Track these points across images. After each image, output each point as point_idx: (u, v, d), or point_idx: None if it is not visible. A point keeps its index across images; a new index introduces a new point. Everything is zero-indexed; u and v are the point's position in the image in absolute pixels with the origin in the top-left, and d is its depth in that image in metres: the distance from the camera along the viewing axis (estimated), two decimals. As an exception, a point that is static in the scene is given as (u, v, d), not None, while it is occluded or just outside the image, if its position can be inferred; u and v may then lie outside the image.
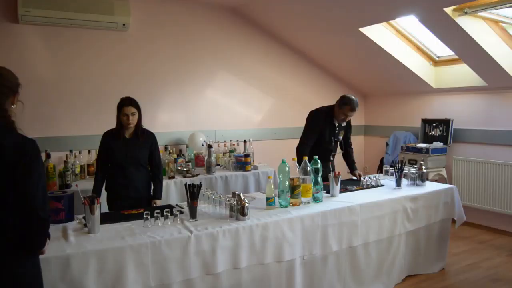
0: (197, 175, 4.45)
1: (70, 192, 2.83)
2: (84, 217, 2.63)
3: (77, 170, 4.29)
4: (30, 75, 4.48)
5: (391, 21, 5.10)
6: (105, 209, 3.26)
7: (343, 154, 4.32)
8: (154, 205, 3.35)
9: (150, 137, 3.52)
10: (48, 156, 4.13)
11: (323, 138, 3.99)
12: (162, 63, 5.17)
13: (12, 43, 4.41)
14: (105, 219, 2.69)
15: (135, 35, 4.98)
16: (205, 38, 5.43)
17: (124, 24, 4.74)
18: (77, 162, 4.34)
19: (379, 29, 5.13)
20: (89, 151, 4.57)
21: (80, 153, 4.47)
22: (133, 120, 3.35)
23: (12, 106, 1.88)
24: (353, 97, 3.91)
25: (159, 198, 3.49)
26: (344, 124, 4.12)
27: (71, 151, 4.42)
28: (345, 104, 3.88)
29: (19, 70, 4.36)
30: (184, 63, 5.31)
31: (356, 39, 5.19)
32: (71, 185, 3.92)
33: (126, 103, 3.34)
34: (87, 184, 3.92)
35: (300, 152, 3.86)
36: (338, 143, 4.18)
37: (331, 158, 4.11)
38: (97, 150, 3.51)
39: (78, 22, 4.55)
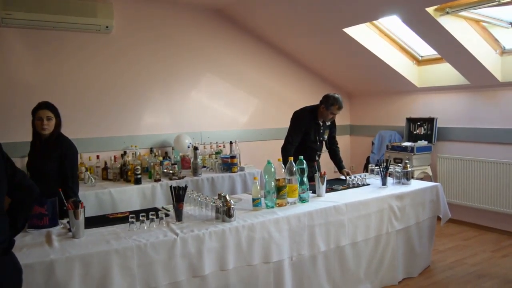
0: (183, 177, 4.43)
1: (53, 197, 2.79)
2: (68, 222, 2.59)
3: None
4: (13, 78, 4.44)
5: (375, 21, 5.14)
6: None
7: (330, 153, 4.34)
8: None
9: None
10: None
11: (308, 138, 4.00)
12: (147, 65, 5.13)
13: (-7, 46, 4.35)
14: (90, 223, 2.66)
15: (118, 38, 4.93)
16: (190, 40, 5.41)
17: (107, 27, 4.69)
18: (61, 166, 4.28)
19: (363, 29, 5.16)
20: (73, 155, 4.51)
21: (64, 157, 4.42)
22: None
23: None
24: (338, 95, 3.94)
25: None
26: (328, 123, 4.13)
27: (55, 155, 4.37)
28: (332, 104, 3.90)
29: (1, 73, 4.36)
30: (169, 65, 5.28)
31: (340, 40, 5.22)
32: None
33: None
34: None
35: (286, 152, 3.87)
36: (323, 142, 4.19)
37: (317, 158, 4.13)
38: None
39: (61, 25, 4.49)
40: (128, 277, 2.32)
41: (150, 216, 2.63)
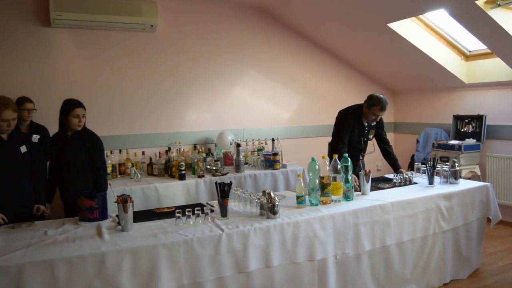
0: (226, 173, 4.46)
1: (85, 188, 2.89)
2: (117, 216, 2.67)
3: (109, 169, 4.35)
4: (63, 76, 4.62)
5: (420, 16, 5.00)
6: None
7: (383, 153, 4.20)
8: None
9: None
10: (80, 156, 4.21)
11: (352, 138, 3.94)
12: (190, 63, 5.21)
13: (45, 46, 4.54)
14: (137, 217, 2.72)
15: (162, 36, 5.03)
16: (232, 37, 5.45)
17: (152, 25, 4.80)
18: (109, 161, 4.41)
19: (408, 24, 5.03)
20: (120, 151, 4.66)
21: (111, 152, 4.56)
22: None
23: None
24: (382, 96, 3.82)
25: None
26: (374, 123, 4.05)
27: (102, 151, 4.50)
28: (374, 105, 3.80)
29: (51, 71, 4.53)
30: (212, 62, 5.34)
31: (384, 35, 5.11)
32: (104, 184, 3.97)
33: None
34: (120, 183, 4.01)
35: (340, 150, 3.79)
36: (369, 142, 4.12)
37: (361, 157, 4.05)
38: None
39: (107, 24, 4.63)
40: (175, 271, 2.36)
41: (196, 212, 2.67)
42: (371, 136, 4.10)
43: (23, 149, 3.07)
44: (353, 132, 3.94)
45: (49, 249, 2.27)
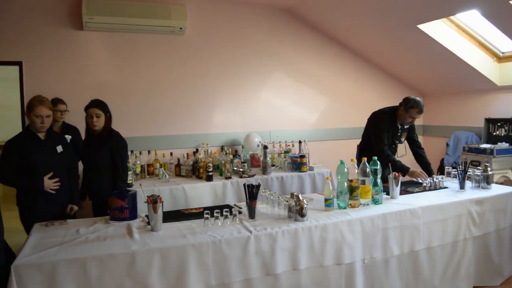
0: (253, 175, 4.48)
1: (133, 191, 2.93)
2: (146, 215, 2.71)
3: (138, 169, 4.43)
4: (94, 77, 4.72)
5: (451, 17, 4.91)
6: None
7: (415, 157, 4.16)
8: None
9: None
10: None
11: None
12: (217, 64, 5.25)
13: (77, 48, 4.65)
14: (166, 217, 2.75)
15: (191, 38, 5.09)
16: (259, 39, 5.46)
17: (180, 28, 4.86)
18: (138, 162, 4.49)
19: (439, 25, 4.94)
20: (148, 152, 4.73)
21: (140, 153, 4.63)
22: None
23: None
24: (419, 99, 3.82)
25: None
26: (406, 126, 4.01)
27: (132, 151, 4.57)
28: (412, 107, 3.79)
29: (83, 73, 4.64)
30: (239, 64, 5.37)
31: (414, 37, 5.03)
32: (132, 184, 4.03)
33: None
34: (148, 183, 4.07)
35: (385, 151, 3.77)
36: (400, 145, 4.07)
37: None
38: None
39: (138, 27, 4.72)
40: (204, 272, 2.38)
41: (224, 213, 2.68)
42: (403, 139, 4.07)
43: (59, 148, 3.18)
44: (387, 134, 3.91)
45: (81, 247, 2.32)
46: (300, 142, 5.07)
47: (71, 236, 2.49)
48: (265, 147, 4.64)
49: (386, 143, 3.86)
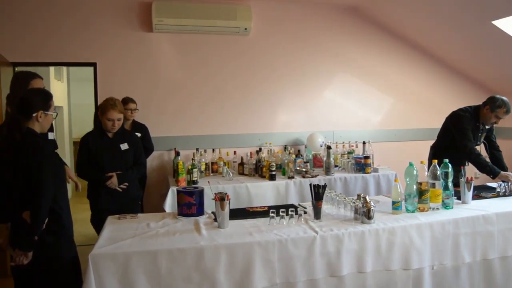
0: (316, 175, 4.45)
1: (200, 188, 3.01)
2: (213, 212, 2.77)
3: (203, 167, 4.54)
4: (163, 77, 4.91)
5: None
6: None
7: (491, 159, 3.95)
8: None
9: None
10: (177, 153, 4.45)
11: None
12: (282, 64, 5.27)
13: (148, 50, 4.85)
14: (231, 215, 2.78)
15: (255, 38, 5.14)
16: (323, 38, 5.42)
17: (245, 28, 4.93)
18: (203, 160, 4.60)
19: (516, 22, 4.67)
20: (213, 150, 4.83)
21: (205, 151, 4.74)
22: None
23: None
24: (506, 98, 3.64)
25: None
26: (488, 126, 3.82)
27: (197, 149, 4.70)
28: (500, 107, 3.63)
29: (152, 73, 4.83)
30: (303, 64, 5.36)
31: (488, 34, 4.78)
32: (197, 181, 4.13)
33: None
34: (212, 181, 4.16)
35: (474, 150, 3.66)
36: (476, 147, 3.89)
37: (466, 164, 3.82)
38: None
39: (205, 28, 4.84)
40: (269, 270, 2.40)
41: (290, 212, 2.69)
42: (482, 140, 3.88)
43: (124, 146, 3.39)
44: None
45: (152, 240, 2.41)
46: (364, 142, 4.98)
47: (142, 230, 2.60)
48: (329, 147, 4.60)
49: (474, 141, 3.69)
